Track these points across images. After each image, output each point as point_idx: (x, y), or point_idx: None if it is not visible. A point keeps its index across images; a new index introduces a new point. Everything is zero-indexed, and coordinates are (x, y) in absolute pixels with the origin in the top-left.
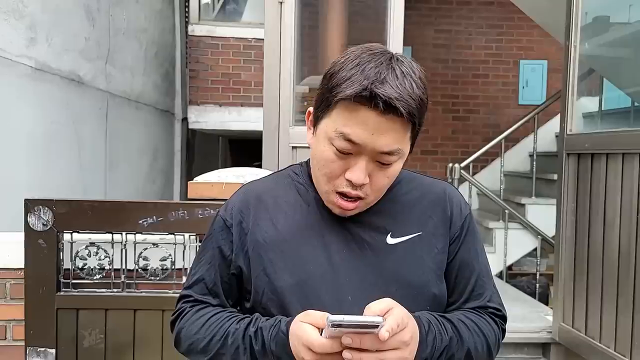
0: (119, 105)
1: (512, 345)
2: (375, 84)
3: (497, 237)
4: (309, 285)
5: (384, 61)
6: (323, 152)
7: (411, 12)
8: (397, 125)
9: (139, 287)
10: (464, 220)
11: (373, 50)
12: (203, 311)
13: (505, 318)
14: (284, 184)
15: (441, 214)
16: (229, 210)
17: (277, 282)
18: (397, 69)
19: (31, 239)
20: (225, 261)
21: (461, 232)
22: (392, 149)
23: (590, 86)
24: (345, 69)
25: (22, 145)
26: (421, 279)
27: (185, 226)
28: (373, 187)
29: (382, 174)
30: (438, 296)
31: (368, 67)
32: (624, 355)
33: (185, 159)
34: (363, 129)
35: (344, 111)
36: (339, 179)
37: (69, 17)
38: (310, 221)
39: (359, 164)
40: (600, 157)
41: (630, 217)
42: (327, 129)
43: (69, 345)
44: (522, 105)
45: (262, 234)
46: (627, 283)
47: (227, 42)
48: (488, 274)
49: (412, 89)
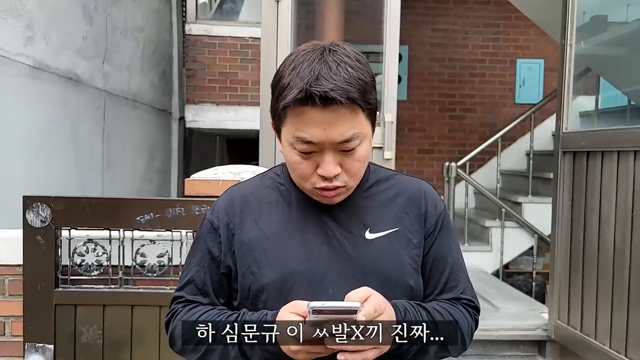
0: (116, 104)
1: (507, 342)
2: (310, 83)
3: (493, 235)
4: (292, 281)
5: (316, 58)
6: (290, 157)
7: (408, 11)
8: (343, 113)
9: (137, 283)
10: (439, 216)
11: (306, 50)
12: (194, 310)
13: (479, 309)
14: (267, 185)
15: (417, 211)
16: (215, 213)
17: (261, 279)
18: (330, 61)
19: (29, 235)
20: (214, 262)
21: (435, 228)
22: (348, 136)
23: (587, 85)
24: (284, 76)
25: (20, 144)
26: (398, 272)
27: (183, 223)
28: (348, 173)
29: (351, 160)
30: (414, 288)
31: (302, 69)
32: (619, 352)
33: (182, 158)
34: (314, 128)
35: (292, 117)
36: (313, 176)
37: (67, 16)
38: (292, 220)
39: (325, 159)
40: (595, 155)
41: (625, 215)
42: (286, 136)
43: (67, 341)
44: (519, 104)
45: (247, 234)
46: (622, 281)
47: (224, 41)
48: (461, 268)
49: (348, 74)
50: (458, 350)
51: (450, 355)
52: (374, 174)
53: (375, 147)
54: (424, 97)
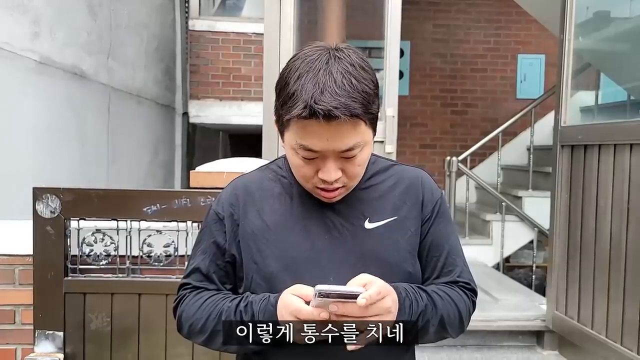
0: (121, 100)
1: (506, 333)
2: (314, 98)
3: (494, 229)
4: (294, 270)
5: (321, 67)
6: (293, 159)
7: (410, 7)
8: (347, 126)
9: (143, 272)
10: (435, 203)
11: (311, 57)
12: (200, 294)
13: (476, 292)
14: (269, 177)
15: (414, 199)
16: (220, 204)
17: (265, 268)
18: (335, 72)
19: (39, 226)
20: (219, 250)
21: (432, 214)
22: (350, 145)
23: (588, 80)
24: (289, 83)
25: (27, 138)
26: (397, 259)
27: (188, 214)
28: (348, 176)
29: (351, 165)
30: (412, 274)
31: (307, 80)
32: (615, 341)
33: (185, 153)
34: (318, 139)
35: (296, 127)
36: (314, 178)
37: (72, 12)
38: (294, 212)
39: (327, 165)
40: (592, 148)
41: (621, 207)
42: (289, 140)
43: (77, 328)
44: (520, 100)
45: (251, 225)
46: (618, 272)
47: (227, 37)
48: (458, 253)
49: (352, 87)
50: (456, 331)
51: (449, 336)
52: (373, 165)
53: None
54: (425, 93)
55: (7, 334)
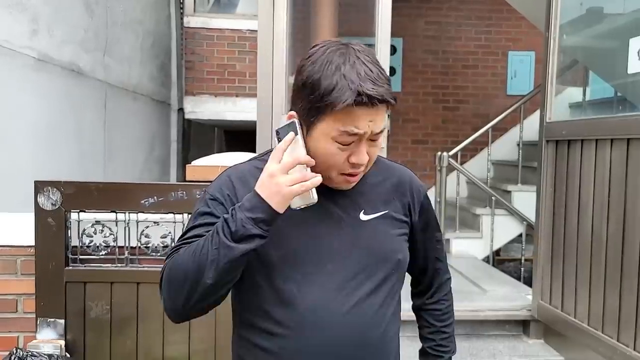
0: (117, 96)
1: (493, 322)
2: (361, 86)
3: (484, 223)
4: (292, 257)
5: (354, 59)
6: (326, 149)
7: (402, 4)
8: (382, 110)
9: (142, 262)
10: (421, 199)
11: (336, 51)
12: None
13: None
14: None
15: (401, 195)
16: (217, 189)
17: (264, 256)
18: (365, 61)
19: (41, 217)
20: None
21: (420, 209)
22: (382, 127)
23: (576, 76)
24: (324, 75)
25: (26, 134)
26: (388, 249)
27: (184, 206)
28: (370, 159)
29: (374, 148)
30: (402, 261)
31: (345, 69)
32: (597, 329)
33: (181, 148)
34: (364, 122)
35: (341, 114)
36: (344, 164)
37: (69, 10)
38: None
39: (361, 148)
40: (575, 143)
41: (602, 202)
42: (326, 130)
43: (77, 316)
44: (511, 96)
45: None
46: (599, 265)
47: (222, 34)
48: (440, 242)
49: (384, 76)
50: None
51: None
52: None
53: None
54: (417, 89)
55: (9, 322)
